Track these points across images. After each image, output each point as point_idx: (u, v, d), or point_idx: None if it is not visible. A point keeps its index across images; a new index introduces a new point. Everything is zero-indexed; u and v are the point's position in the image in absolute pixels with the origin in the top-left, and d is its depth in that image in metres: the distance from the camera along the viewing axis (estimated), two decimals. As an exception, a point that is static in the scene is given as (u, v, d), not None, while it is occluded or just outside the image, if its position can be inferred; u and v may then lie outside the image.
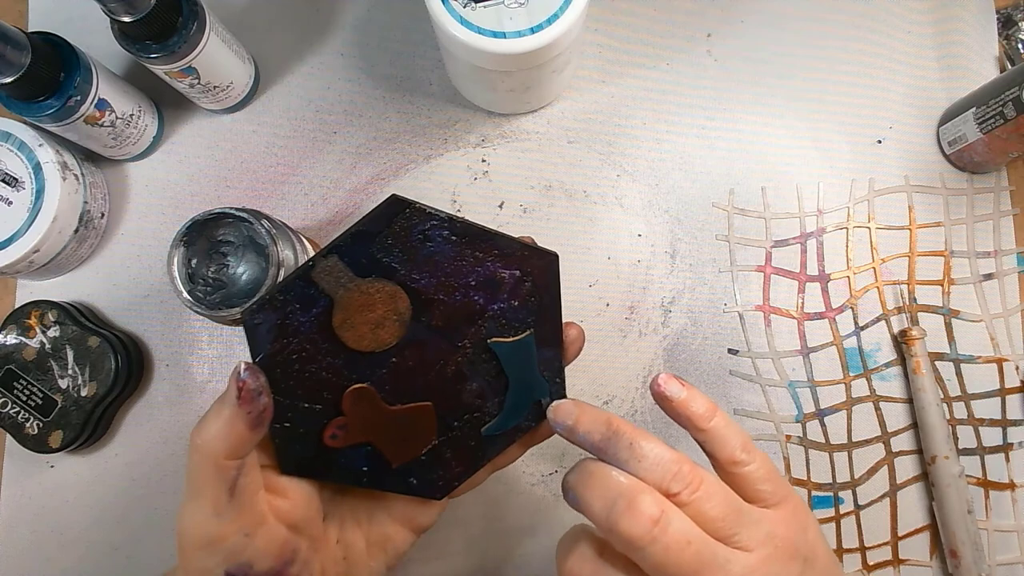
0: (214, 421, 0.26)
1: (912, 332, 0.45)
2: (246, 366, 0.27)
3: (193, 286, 0.38)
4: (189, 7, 0.39)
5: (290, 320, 0.28)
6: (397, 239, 0.29)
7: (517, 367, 0.32)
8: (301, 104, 0.48)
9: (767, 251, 0.48)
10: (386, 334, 0.30)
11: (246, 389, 0.26)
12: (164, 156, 0.48)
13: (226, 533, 0.27)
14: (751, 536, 0.27)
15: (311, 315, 0.28)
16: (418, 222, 0.29)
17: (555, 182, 0.48)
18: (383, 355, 0.30)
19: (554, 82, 0.45)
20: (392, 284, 0.29)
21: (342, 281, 0.28)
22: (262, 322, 0.28)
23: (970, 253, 0.48)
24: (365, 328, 0.29)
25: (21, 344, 0.44)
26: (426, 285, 0.29)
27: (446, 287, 0.30)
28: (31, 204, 0.42)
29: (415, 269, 0.29)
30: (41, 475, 0.46)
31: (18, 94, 0.39)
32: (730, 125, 0.49)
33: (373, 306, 0.29)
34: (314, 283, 0.28)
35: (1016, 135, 0.43)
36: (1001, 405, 0.47)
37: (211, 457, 0.26)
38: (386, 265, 0.29)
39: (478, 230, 0.30)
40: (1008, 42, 0.50)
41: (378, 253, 0.28)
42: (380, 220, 0.28)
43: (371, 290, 0.29)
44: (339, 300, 0.28)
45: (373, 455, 0.31)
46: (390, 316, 0.29)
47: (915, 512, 0.46)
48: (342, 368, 0.29)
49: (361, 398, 0.30)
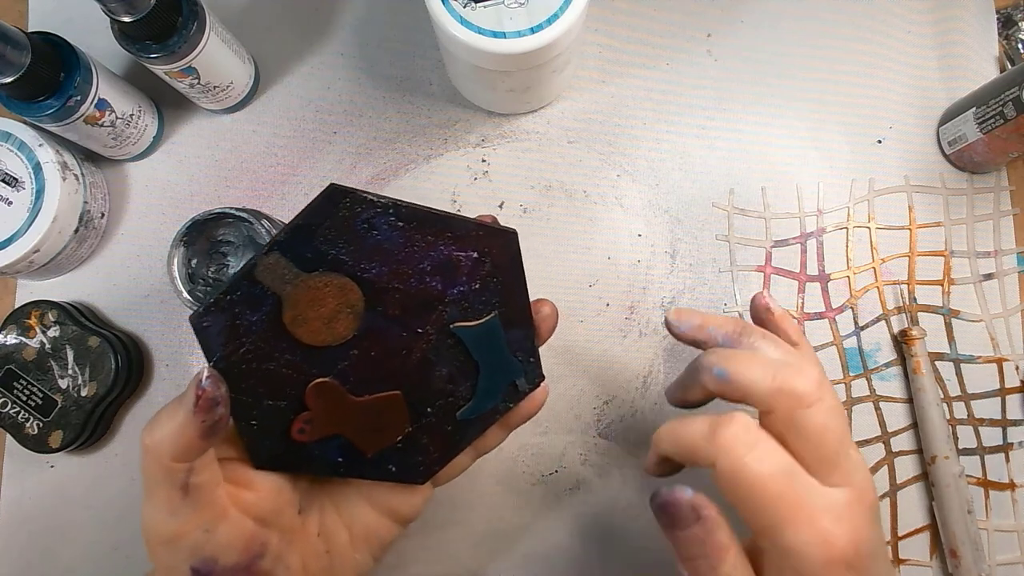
0: (166, 423, 0.26)
1: (912, 332, 0.45)
2: (208, 373, 0.27)
3: (193, 286, 0.38)
4: (189, 7, 0.39)
5: (240, 320, 0.28)
6: (340, 230, 0.28)
7: (485, 350, 0.32)
8: (301, 104, 0.48)
9: (767, 251, 0.48)
10: (341, 327, 0.29)
11: (204, 398, 0.26)
12: (164, 156, 0.48)
13: (185, 530, 0.27)
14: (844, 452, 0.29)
15: (261, 314, 0.28)
16: (361, 211, 0.28)
17: (555, 182, 0.48)
18: (342, 348, 0.29)
19: (554, 82, 0.45)
20: (340, 276, 0.28)
21: (287, 278, 0.28)
22: (211, 324, 0.28)
23: (970, 253, 0.48)
24: (318, 323, 0.29)
25: (21, 344, 0.44)
26: (377, 274, 0.29)
27: (399, 275, 0.29)
28: (31, 204, 0.42)
29: (363, 259, 0.29)
30: (41, 475, 0.46)
31: (18, 94, 0.39)
32: (730, 125, 0.49)
33: (323, 300, 0.29)
34: (259, 282, 0.28)
35: (1016, 135, 0.43)
36: (1001, 405, 0.47)
37: (158, 459, 0.26)
38: (332, 257, 0.28)
39: (426, 213, 0.29)
40: (1008, 42, 0.50)
41: (322, 246, 0.28)
42: (319, 212, 0.28)
43: (319, 284, 0.28)
44: (287, 297, 0.28)
45: (346, 446, 0.31)
46: (343, 309, 0.29)
47: (915, 512, 0.46)
48: (301, 364, 0.29)
49: (323, 392, 0.30)
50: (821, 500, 0.27)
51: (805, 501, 0.27)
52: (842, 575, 0.27)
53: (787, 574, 0.27)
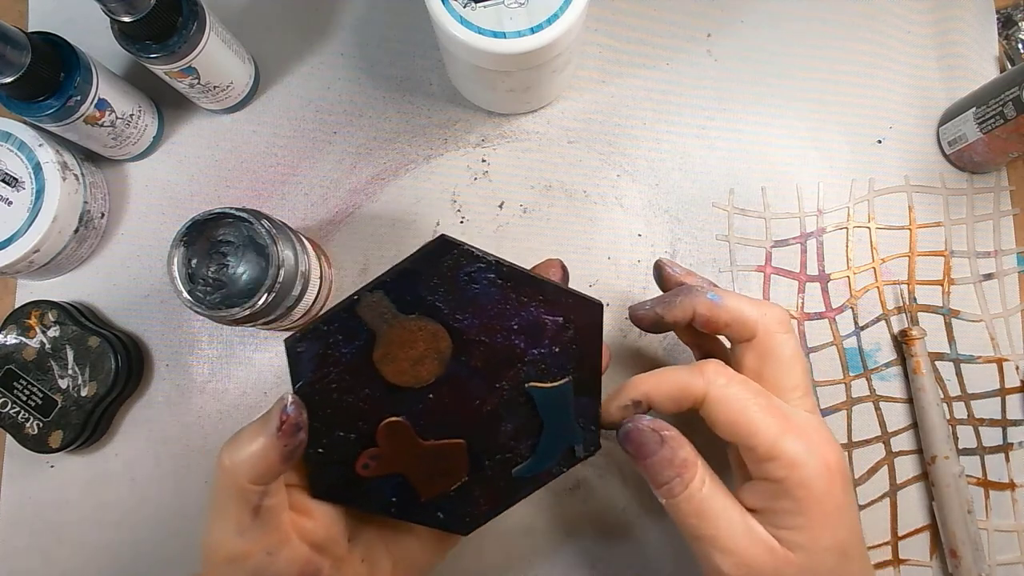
0: (247, 445, 0.27)
1: (912, 332, 0.45)
2: (292, 399, 0.27)
3: (193, 286, 0.38)
4: (189, 7, 0.39)
5: (332, 350, 0.28)
6: (443, 279, 0.29)
7: (553, 412, 0.32)
8: (301, 104, 0.48)
9: (767, 251, 0.48)
10: (425, 371, 0.30)
11: (288, 423, 0.27)
12: (164, 156, 0.48)
13: (250, 551, 0.27)
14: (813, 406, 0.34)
15: (353, 347, 0.29)
16: (465, 264, 0.29)
17: (555, 182, 0.48)
18: (421, 391, 0.30)
19: (554, 82, 0.45)
20: (435, 323, 0.29)
21: (385, 317, 0.29)
22: (304, 350, 0.28)
23: (970, 253, 0.48)
24: (405, 363, 0.29)
25: (21, 344, 0.44)
26: (468, 326, 0.30)
27: (488, 329, 0.30)
28: (31, 204, 0.42)
29: (459, 309, 0.29)
30: (41, 475, 0.45)
31: (18, 94, 0.39)
32: (730, 125, 0.49)
33: (414, 343, 0.29)
34: (358, 317, 0.28)
35: (1016, 135, 0.43)
36: (1001, 405, 0.47)
37: (236, 481, 0.26)
38: (430, 304, 0.29)
39: (524, 275, 0.30)
40: (1008, 42, 0.50)
41: (423, 292, 0.29)
42: (427, 260, 0.29)
43: (413, 327, 0.29)
44: (381, 335, 0.29)
45: (403, 486, 0.31)
46: (431, 353, 0.30)
47: (915, 512, 0.46)
48: (379, 400, 0.30)
49: (395, 431, 0.31)
50: (806, 420, 0.32)
51: (793, 417, 0.31)
52: (840, 484, 0.30)
53: (786, 484, 0.29)
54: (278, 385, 0.46)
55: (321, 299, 0.45)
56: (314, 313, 0.45)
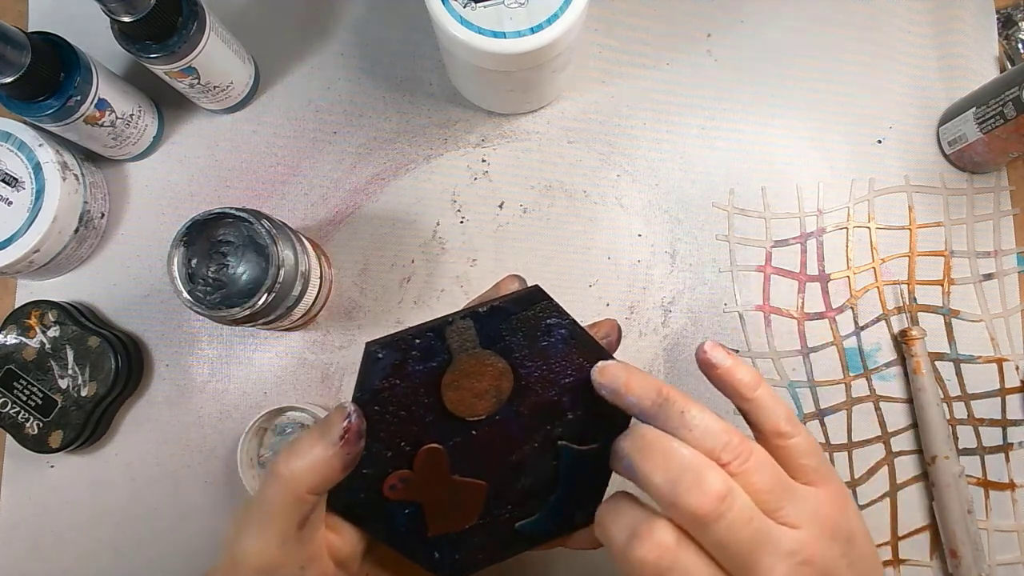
0: (307, 453, 0.26)
1: (912, 332, 0.45)
2: (354, 408, 0.27)
3: (193, 286, 0.38)
4: (189, 7, 0.39)
5: (407, 365, 0.29)
6: (525, 324, 0.30)
7: (572, 475, 0.32)
8: (301, 104, 0.48)
9: (767, 251, 0.48)
10: (482, 406, 0.30)
11: (352, 431, 0.26)
12: (164, 156, 0.48)
13: (285, 563, 0.27)
14: (798, 512, 0.26)
15: (426, 366, 0.29)
16: (547, 316, 0.30)
17: (555, 182, 0.48)
18: (466, 424, 0.30)
19: (554, 82, 0.45)
20: (505, 363, 0.30)
21: (467, 345, 0.29)
22: (383, 357, 0.28)
23: (970, 253, 0.48)
24: (467, 394, 0.30)
25: (21, 344, 0.44)
26: (530, 373, 0.30)
27: (545, 381, 0.31)
28: (31, 204, 0.42)
29: (528, 356, 0.30)
30: (41, 475, 0.45)
31: (18, 94, 0.39)
32: (730, 125, 0.49)
33: (482, 376, 0.30)
34: (444, 338, 0.29)
35: (1016, 135, 0.43)
36: (1001, 405, 0.47)
37: (294, 489, 0.26)
38: (507, 344, 0.30)
39: (590, 339, 0.31)
40: (1008, 42, 0.50)
41: (505, 331, 0.29)
42: (519, 303, 0.29)
43: (487, 362, 0.30)
44: (457, 361, 0.29)
45: (413, 517, 0.31)
46: (492, 391, 0.30)
47: (915, 512, 0.46)
48: (428, 424, 0.30)
49: (433, 459, 0.31)
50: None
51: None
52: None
53: None
54: (278, 385, 0.46)
55: (321, 299, 0.45)
56: (314, 313, 0.45)
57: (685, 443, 0.26)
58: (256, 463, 0.44)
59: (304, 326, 0.46)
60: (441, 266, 0.47)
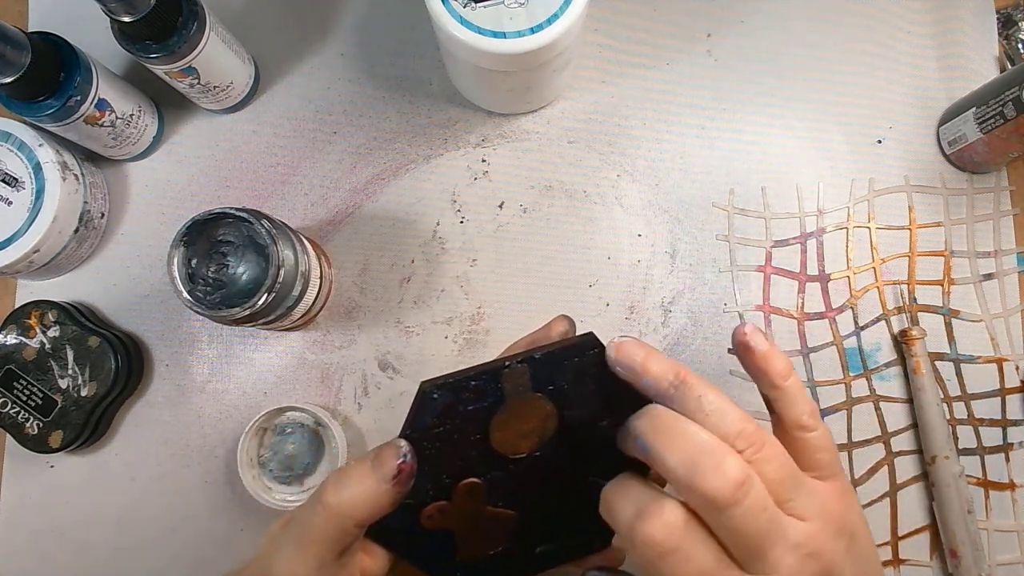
0: (357, 486, 0.26)
1: (912, 332, 0.45)
2: (409, 448, 0.27)
3: (193, 286, 0.38)
4: (189, 7, 0.39)
5: (460, 405, 0.29)
6: (575, 372, 0.30)
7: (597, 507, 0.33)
8: (301, 104, 0.48)
9: (767, 251, 0.48)
10: (525, 445, 0.31)
11: (406, 472, 0.27)
12: (164, 156, 0.48)
13: None
14: (806, 505, 0.27)
15: (477, 406, 0.29)
16: (592, 364, 0.30)
17: (555, 182, 0.48)
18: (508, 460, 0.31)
19: (554, 82, 0.45)
20: (552, 407, 0.30)
21: (520, 389, 0.30)
22: (438, 398, 0.29)
23: (970, 253, 0.48)
24: (513, 434, 0.30)
25: (21, 344, 0.44)
26: (571, 417, 0.31)
27: (585, 425, 0.31)
28: (31, 204, 0.42)
29: (572, 401, 0.30)
30: (41, 475, 0.45)
31: (18, 94, 0.39)
32: (730, 125, 0.49)
33: (530, 418, 0.30)
34: (498, 381, 0.29)
35: (1016, 135, 0.43)
36: (1001, 405, 0.47)
37: (341, 521, 0.26)
38: (556, 389, 0.30)
39: (633, 391, 0.31)
40: (1008, 42, 0.50)
41: (555, 376, 0.30)
42: (574, 351, 0.30)
43: (536, 405, 0.30)
44: (508, 404, 0.30)
45: (444, 542, 0.32)
46: (536, 431, 0.31)
47: (915, 512, 0.46)
48: (472, 459, 0.31)
49: (472, 492, 0.31)
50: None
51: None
52: None
53: None
54: (277, 385, 0.46)
55: (321, 299, 0.45)
56: (314, 313, 0.45)
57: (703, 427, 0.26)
58: (256, 463, 0.44)
59: (304, 326, 0.46)
60: (441, 266, 0.47)
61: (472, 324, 0.46)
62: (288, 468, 0.45)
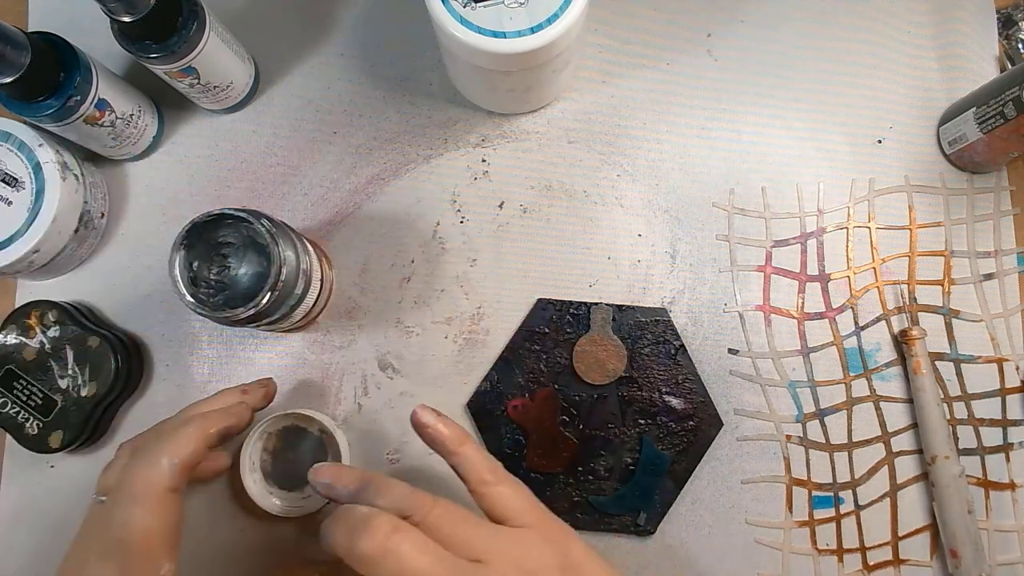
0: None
1: (912, 332, 0.45)
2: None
3: (196, 289, 0.38)
4: (189, 7, 0.39)
5: (560, 323, 0.44)
6: (647, 328, 0.44)
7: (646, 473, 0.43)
8: (301, 104, 0.48)
9: (767, 251, 0.48)
10: (595, 375, 0.43)
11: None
12: (164, 156, 0.48)
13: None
14: (488, 548, 0.30)
15: (572, 330, 0.44)
16: (663, 330, 0.45)
17: (555, 182, 0.48)
18: (580, 386, 0.43)
19: (554, 82, 0.45)
20: (624, 349, 0.44)
21: (603, 324, 0.44)
22: (546, 310, 0.45)
23: (970, 253, 0.48)
24: (589, 360, 0.43)
25: (21, 344, 0.44)
26: (639, 367, 0.44)
27: (648, 380, 0.44)
28: (31, 204, 0.42)
29: (642, 355, 0.44)
30: (41, 475, 0.45)
31: (18, 94, 0.39)
32: (730, 125, 0.49)
33: (605, 350, 0.44)
34: (589, 313, 0.45)
35: (1016, 135, 0.43)
36: (1001, 405, 0.47)
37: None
38: (632, 337, 0.44)
39: (691, 365, 0.44)
40: (1008, 42, 0.50)
41: (632, 327, 0.44)
42: (647, 312, 0.45)
43: (611, 342, 0.44)
44: (592, 333, 0.43)
45: (517, 444, 0.43)
46: (606, 364, 0.43)
47: (915, 512, 0.46)
48: (555, 373, 0.43)
49: (550, 399, 0.43)
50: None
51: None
52: None
53: None
54: (278, 385, 0.46)
55: (322, 299, 0.45)
56: (315, 314, 0.45)
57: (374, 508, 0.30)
58: (258, 468, 0.44)
59: (304, 327, 0.46)
60: (441, 266, 0.47)
61: (472, 324, 0.46)
62: (290, 474, 0.44)
